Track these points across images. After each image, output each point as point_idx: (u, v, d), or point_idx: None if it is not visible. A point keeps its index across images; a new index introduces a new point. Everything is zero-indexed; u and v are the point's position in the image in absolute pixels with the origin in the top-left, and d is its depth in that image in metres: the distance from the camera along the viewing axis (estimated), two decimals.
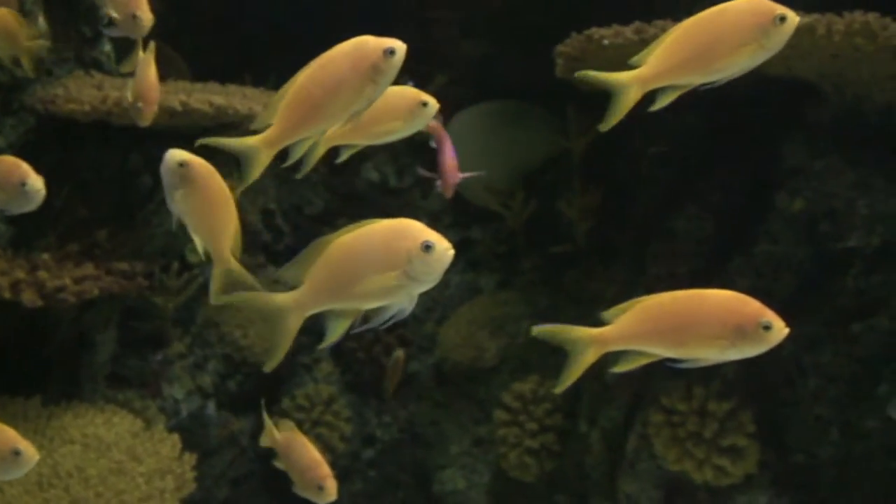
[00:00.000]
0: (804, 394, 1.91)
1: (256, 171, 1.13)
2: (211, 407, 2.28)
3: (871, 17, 1.52)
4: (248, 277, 1.18)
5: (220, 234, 1.24)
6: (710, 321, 1.08)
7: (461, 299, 2.55)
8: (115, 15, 1.54)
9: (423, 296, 2.73)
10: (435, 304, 2.53)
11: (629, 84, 1.12)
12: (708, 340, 1.08)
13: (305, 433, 2.31)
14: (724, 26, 1.09)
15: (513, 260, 2.55)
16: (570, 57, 1.81)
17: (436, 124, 1.64)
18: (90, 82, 1.82)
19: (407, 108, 1.27)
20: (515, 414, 2.25)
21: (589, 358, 1.12)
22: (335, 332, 1.11)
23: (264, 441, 1.54)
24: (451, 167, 1.63)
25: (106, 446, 1.69)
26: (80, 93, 1.72)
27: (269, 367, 1.14)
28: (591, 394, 2.19)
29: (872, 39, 1.50)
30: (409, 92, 1.28)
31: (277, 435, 1.50)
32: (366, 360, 2.46)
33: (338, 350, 2.47)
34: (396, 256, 1.04)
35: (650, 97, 1.14)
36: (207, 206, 1.22)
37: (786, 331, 1.08)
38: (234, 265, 1.22)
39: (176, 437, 1.83)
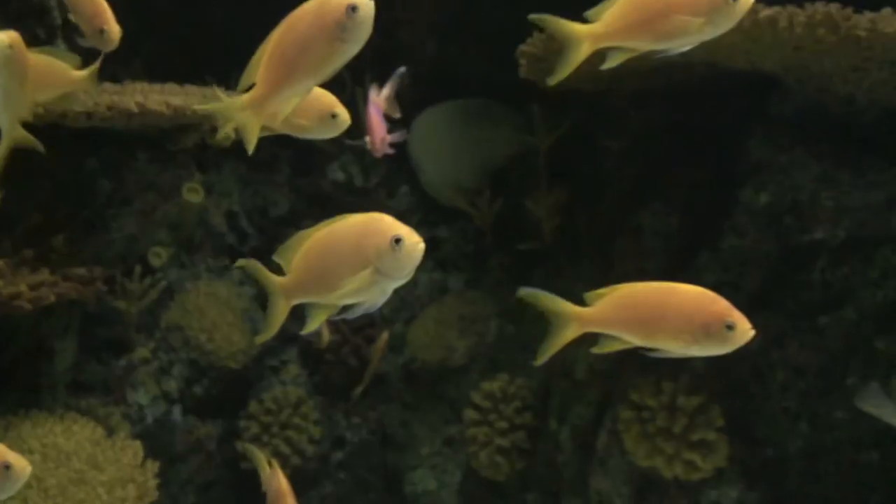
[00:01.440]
0: (772, 387, 1.91)
1: (253, 132, 1.12)
2: (176, 412, 2.25)
3: (833, 7, 1.51)
4: None
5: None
6: (678, 315, 1.11)
7: (430, 299, 2.53)
8: (82, 28, 1.52)
9: (391, 296, 2.72)
10: (403, 303, 2.52)
11: (582, 38, 1.13)
12: (674, 334, 1.11)
13: (274, 436, 2.30)
14: None
15: (481, 258, 2.54)
16: (533, 57, 1.80)
17: (372, 90, 1.64)
18: None
19: (318, 114, 1.27)
20: (485, 413, 2.24)
21: (569, 333, 1.17)
22: (314, 321, 1.13)
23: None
24: (378, 124, 1.61)
25: (65, 455, 1.65)
26: None
27: (259, 340, 1.21)
28: (560, 391, 2.18)
29: (835, 31, 1.50)
30: (327, 99, 1.27)
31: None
32: (334, 361, 2.44)
33: (305, 352, 2.44)
34: (367, 252, 1.04)
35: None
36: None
37: (750, 333, 1.10)
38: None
39: (138, 444, 1.80)
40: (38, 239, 1.79)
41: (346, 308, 1.12)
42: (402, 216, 2.54)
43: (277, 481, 1.48)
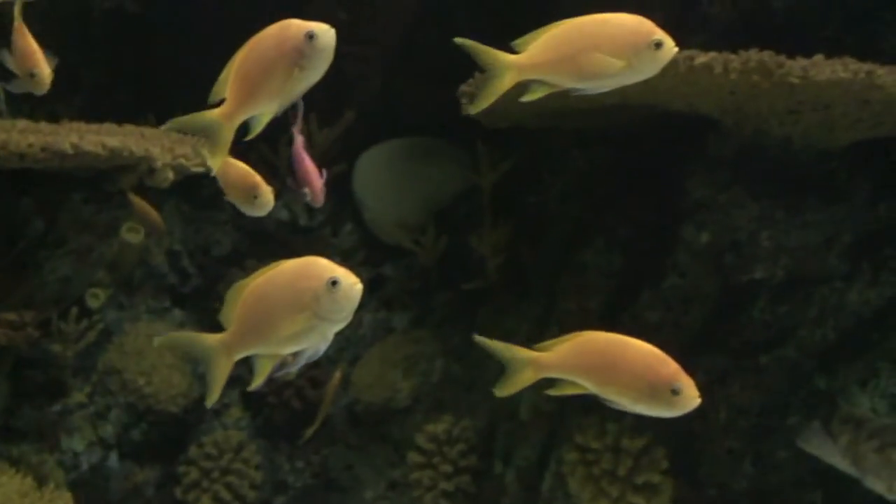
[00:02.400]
0: (716, 427, 1.91)
1: (224, 145, 1.10)
2: (113, 458, 2.20)
3: (767, 54, 1.53)
4: None
5: None
6: (628, 372, 1.10)
7: (374, 338, 2.51)
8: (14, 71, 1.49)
9: (335, 335, 2.69)
10: (348, 343, 2.49)
11: (506, 67, 1.11)
12: (622, 389, 1.11)
13: (214, 481, 2.26)
14: (602, 35, 1.09)
15: (426, 297, 2.53)
16: (473, 96, 1.80)
17: (297, 134, 1.60)
18: None
19: (242, 193, 1.26)
20: (430, 456, 2.22)
21: (526, 378, 1.14)
22: (260, 372, 1.10)
23: None
24: (314, 172, 1.60)
25: None
26: None
27: (208, 403, 1.13)
28: (505, 433, 2.17)
29: (768, 76, 1.52)
30: (251, 179, 1.26)
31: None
32: (277, 404, 2.40)
33: (247, 394, 2.40)
34: (304, 297, 1.02)
35: None
36: None
37: (696, 401, 1.09)
38: None
39: (69, 496, 1.75)
40: None
41: (284, 362, 1.10)
42: (347, 255, 2.56)
43: None
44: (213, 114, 1.09)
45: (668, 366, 1.10)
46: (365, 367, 2.42)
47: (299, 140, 1.60)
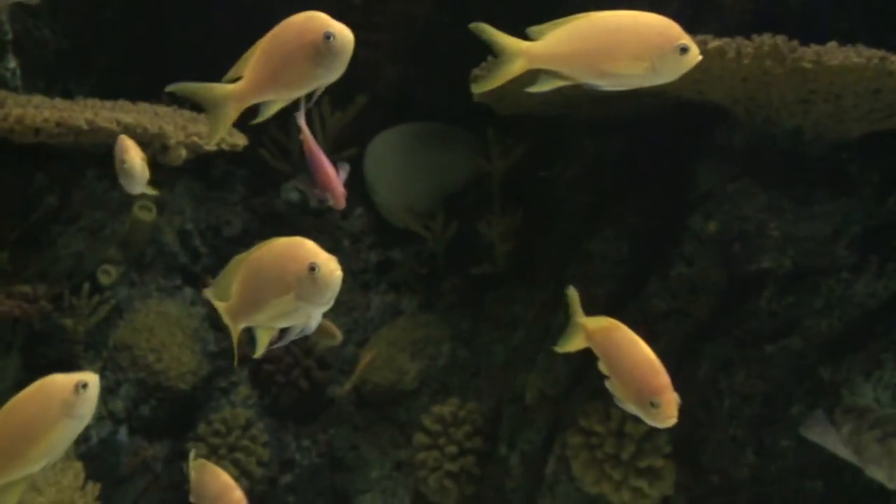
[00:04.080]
0: (720, 414, 1.92)
1: (225, 123, 1.10)
2: (123, 433, 2.22)
3: (780, 39, 1.54)
4: None
5: None
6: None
7: (382, 321, 2.52)
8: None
9: (343, 317, 2.70)
10: (356, 325, 2.50)
11: (517, 54, 1.09)
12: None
13: (222, 458, 2.27)
14: (626, 33, 1.07)
15: (434, 282, 2.54)
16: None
17: (306, 136, 1.58)
18: None
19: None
20: (435, 437, 2.23)
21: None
22: (260, 344, 1.13)
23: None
24: (334, 177, 1.59)
25: None
26: None
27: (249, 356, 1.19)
28: (510, 416, 2.18)
29: (781, 62, 1.52)
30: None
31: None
32: (284, 383, 2.42)
33: (256, 373, 2.42)
34: (288, 278, 1.04)
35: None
36: None
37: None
38: None
39: (79, 466, 1.77)
40: None
41: (283, 333, 1.12)
42: (356, 238, 2.57)
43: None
44: (226, 89, 1.09)
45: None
46: (373, 348, 2.43)
47: (310, 138, 1.58)
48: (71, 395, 1.08)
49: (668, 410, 1.13)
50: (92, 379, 1.10)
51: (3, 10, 1.91)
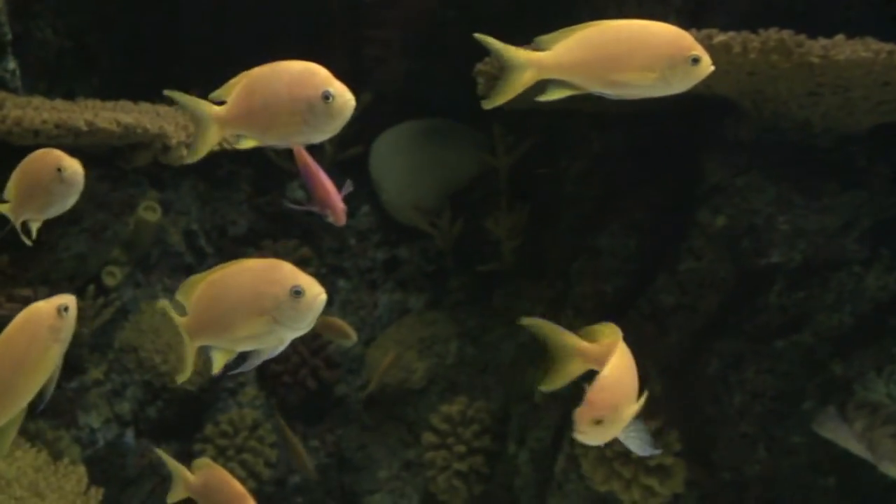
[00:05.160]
0: (730, 411, 1.90)
1: (206, 143, 1.07)
2: (129, 435, 2.21)
3: (786, 34, 1.51)
4: None
5: None
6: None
7: (389, 320, 2.51)
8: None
9: (351, 316, 2.68)
10: (363, 324, 2.49)
11: (525, 65, 1.07)
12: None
13: (230, 459, 2.27)
14: (637, 43, 1.06)
15: (441, 279, 2.53)
16: (490, 76, 1.79)
17: (299, 150, 1.54)
18: None
19: None
20: (444, 436, 2.22)
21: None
22: (216, 364, 1.10)
23: (175, 495, 1.45)
24: (333, 192, 1.55)
25: (6, 482, 1.61)
26: None
27: (179, 381, 1.16)
28: (519, 415, 2.17)
29: (787, 56, 1.50)
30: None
31: (190, 477, 1.42)
32: (292, 383, 2.41)
33: (263, 374, 2.41)
34: (265, 301, 1.01)
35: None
36: None
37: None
38: None
39: (82, 470, 1.75)
40: None
41: (241, 357, 1.09)
42: (363, 236, 2.56)
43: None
44: (210, 111, 1.05)
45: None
46: (380, 348, 2.43)
47: (304, 154, 1.53)
48: (56, 319, 1.09)
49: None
50: (70, 300, 1.10)
51: (2, 10, 1.90)
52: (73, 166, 1.24)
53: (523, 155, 2.34)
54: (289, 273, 1.02)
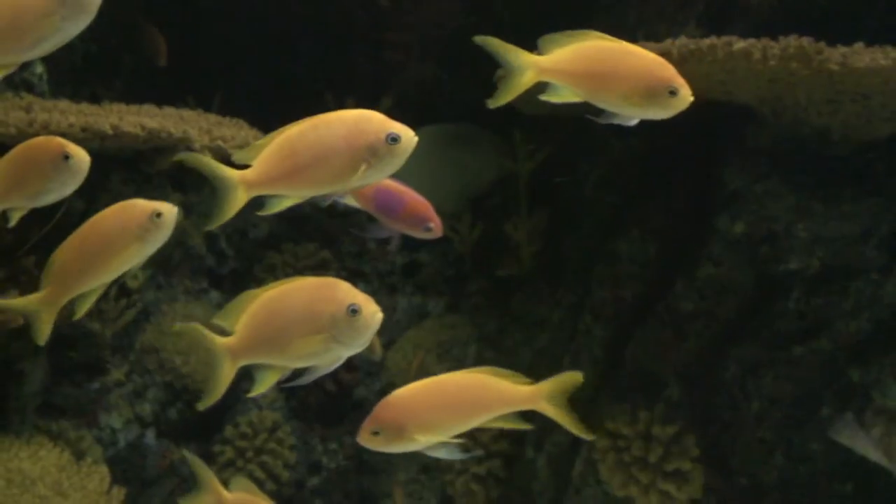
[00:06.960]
0: (747, 417, 1.90)
1: (230, 209, 1.06)
2: (150, 436, 2.23)
3: (806, 41, 1.52)
4: None
5: None
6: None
7: (409, 323, 2.52)
8: None
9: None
10: (382, 328, 2.49)
11: (526, 66, 1.11)
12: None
13: (249, 461, 2.28)
14: (622, 70, 1.09)
15: (460, 283, 2.54)
16: None
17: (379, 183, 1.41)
18: (18, 104, 1.78)
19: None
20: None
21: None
22: (262, 384, 1.10)
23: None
24: (427, 206, 1.50)
25: (31, 481, 1.63)
26: (7, 115, 1.67)
27: (202, 406, 1.15)
28: (537, 418, 2.17)
29: (807, 64, 1.51)
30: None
31: (223, 492, 1.41)
32: (311, 386, 2.42)
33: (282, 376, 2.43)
34: (321, 319, 1.02)
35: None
36: None
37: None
38: None
39: (105, 469, 1.78)
40: (8, 260, 1.78)
41: (296, 372, 1.10)
42: (382, 240, 2.57)
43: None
44: (233, 175, 1.04)
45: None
46: (399, 351, 2.44)
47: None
48: (147, 220, 1.13)
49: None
50: (168, 210, 1.14)
51: None
52: (80, 154, 1.21)
53: (543, 160, 2.34)
54: (346, 291, 1.03)
